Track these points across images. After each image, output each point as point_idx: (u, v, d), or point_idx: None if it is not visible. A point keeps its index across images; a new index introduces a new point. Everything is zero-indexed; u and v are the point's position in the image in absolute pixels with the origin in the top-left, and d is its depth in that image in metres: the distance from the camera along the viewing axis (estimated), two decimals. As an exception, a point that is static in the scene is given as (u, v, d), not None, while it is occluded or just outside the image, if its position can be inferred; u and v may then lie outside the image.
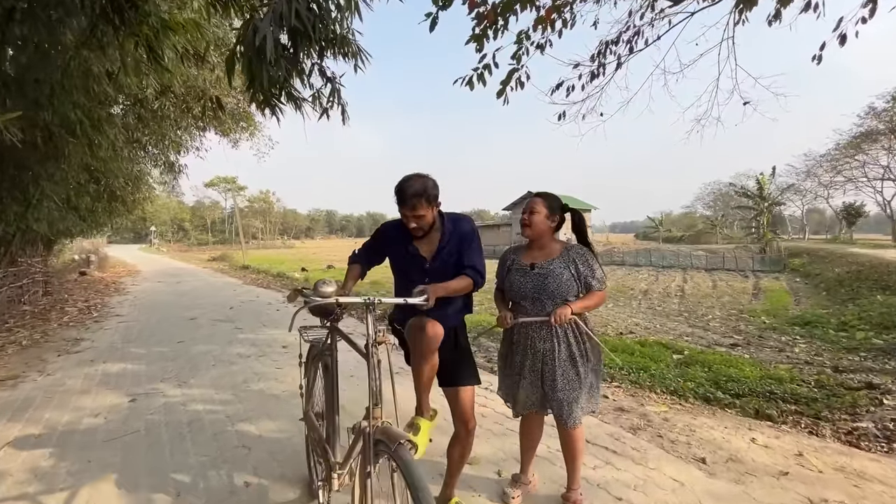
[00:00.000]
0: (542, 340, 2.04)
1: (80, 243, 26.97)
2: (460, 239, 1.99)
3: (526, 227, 2.10)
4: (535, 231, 2.08)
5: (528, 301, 2.06)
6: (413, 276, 1.94)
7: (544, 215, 2.07)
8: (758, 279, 24.66)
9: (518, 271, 2.11)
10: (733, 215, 60.35)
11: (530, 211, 2.08)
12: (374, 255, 2.11)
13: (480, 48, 4.18)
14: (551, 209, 2.09)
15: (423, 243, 1.98)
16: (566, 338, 2.03)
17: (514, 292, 2.10)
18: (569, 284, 2.00)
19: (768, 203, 34.47)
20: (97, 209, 12.16)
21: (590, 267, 2.04)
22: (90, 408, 3.49)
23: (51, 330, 6.51)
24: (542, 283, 2.01)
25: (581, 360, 2.02)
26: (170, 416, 3.26)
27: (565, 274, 2.01)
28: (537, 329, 2.05)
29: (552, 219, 2.09)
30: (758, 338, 10.41)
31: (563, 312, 1.91)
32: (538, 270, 2.05)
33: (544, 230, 2.08)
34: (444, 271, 1.94)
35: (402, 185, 1.85)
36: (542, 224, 2.07)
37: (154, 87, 7.87)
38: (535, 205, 2.08)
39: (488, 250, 35.62)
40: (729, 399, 4.20)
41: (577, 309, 1.98)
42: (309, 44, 3.16)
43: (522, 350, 2.10)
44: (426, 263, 1.96)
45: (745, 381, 4.66)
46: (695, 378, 4.77)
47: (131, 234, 78.43)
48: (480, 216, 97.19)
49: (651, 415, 3.27)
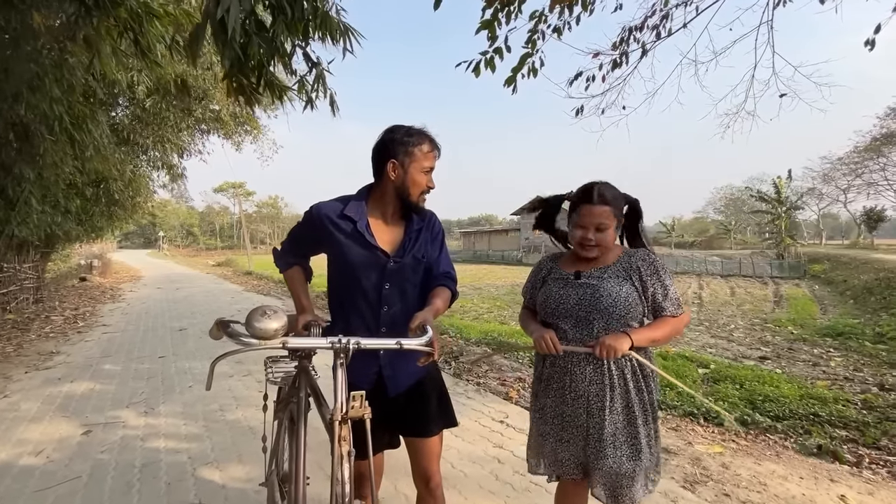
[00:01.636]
0: (588, 381, 1.43)
1: (88, 248, 26.91)
2: (431, 235, 1.47)
3: (592, 250, 1.45)
4: (603, 250, 1.47)
5: (570, 321, 1.45)
6: (366, 279, 1.40)
7: (615, 227, 1.45)
8: (777, 286, 23.75)
9: (557, 281, 1.52)
10: (747, 220, 59.17)
11: (597, 227, 1.42)
12: (310, 248, 1.54)
13: (492, 35, 3.67)
14: (620, 213, 1.47)
15: (382, 230, 1.44)
16: (623, 379, 1.41)
17: (549, 308, 1.49)
18: (629, 303, 1.41)
19: (786, 207, 33.44)
20: (94, 213, 11.81)
21: (661, 281, 1.43)
22: (35, 441, 2.97)
23: (27, 342, 6.04)
24: (592, 297, 1.42)
25: (642, 415, 1.42)
26: (122, 456, 2.72)
27: (624, 288, 1.41)
28: (579, 363, 1.43)
29: (619, 222, 1.48)
30: (787, 350, 9.74)
31: (614, 343, 1.32)
32: (586, 280, 1.45)
33: (612, 242, 1.48)
34: (407, 276, 1.42)
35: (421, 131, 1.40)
36: (612, 239, 1.46)
37: (146, 83, 7.48)
38: (604, 218, 1.41)
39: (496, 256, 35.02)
40: (769, 422, 3.72)
41: (641, 340, 1.38)
42: (286, 21, 2.68)
43: (558, 392, 1.48)
44: (388, 261, 1.41)
45: (783, 402, 4.18)
46: (727, 396, 4.30)
47: (141, 240, 79.13)
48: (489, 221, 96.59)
49: (705, 459, 2.67)
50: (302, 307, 1.46)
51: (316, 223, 1.45)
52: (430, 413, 1.51)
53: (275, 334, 1.07)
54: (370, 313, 1.42)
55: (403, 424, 1.53)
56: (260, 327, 1.06)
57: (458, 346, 5.34)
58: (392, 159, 1.37)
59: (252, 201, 77.73)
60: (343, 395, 1.10)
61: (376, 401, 1.46)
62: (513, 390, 3.76)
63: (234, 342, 1.07)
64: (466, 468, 2.52)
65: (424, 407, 1.51)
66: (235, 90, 3.04)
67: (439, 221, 1.54)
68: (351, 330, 1.45)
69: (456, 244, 59.03)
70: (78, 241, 15.72)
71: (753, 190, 39.27)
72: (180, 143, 11.78)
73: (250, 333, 1.06)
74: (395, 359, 1.44)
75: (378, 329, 1.41)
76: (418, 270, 1.45)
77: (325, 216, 1.43)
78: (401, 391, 1.47)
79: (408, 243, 1.43)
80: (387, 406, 1.47)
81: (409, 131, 1.38)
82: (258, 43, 2.62)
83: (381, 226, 1.44)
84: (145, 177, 12.82)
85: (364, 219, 1.41)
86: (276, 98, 3.21)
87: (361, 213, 1.42)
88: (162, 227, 70.12)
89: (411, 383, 1.49)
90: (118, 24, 3.52)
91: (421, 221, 1.47)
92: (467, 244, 55.21)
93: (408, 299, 1.43)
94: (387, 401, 1.46)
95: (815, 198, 44.98)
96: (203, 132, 12.43)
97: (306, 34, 2.79)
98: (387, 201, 1.43)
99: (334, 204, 1.45)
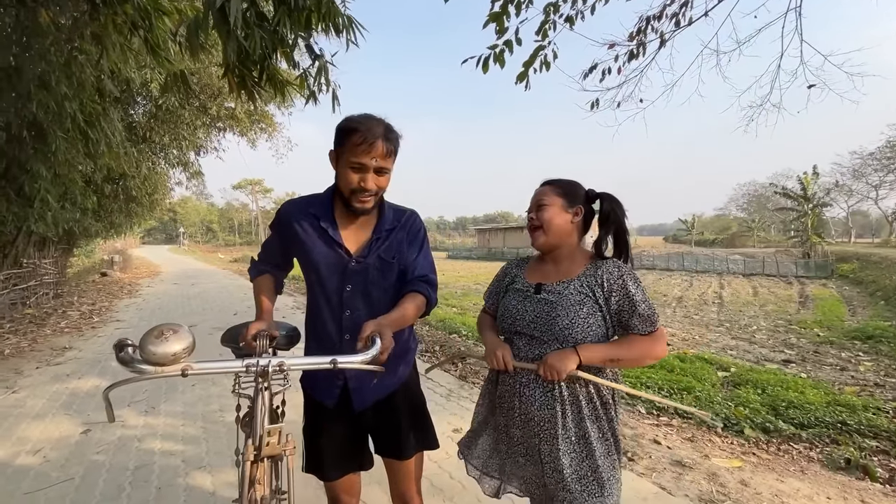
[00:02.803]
0: (538, 404, 1.28)
1: (111, 244, 27.63)
2: (407, 236, 1.34)
3: (538, 232, 1.35)
4: (552, 236, 1.33)
5: (525, 339, 1.33)
6: (328, 280, 1.29)
7: (560, 207, 1.33)
8: (803, 286, 22.95)
9: (517, 292, 1.39)
10: (771, 218, 57.47)
11: (537, 205, 1.35)
12: (281, 254, 1.43)
13: (501, 29, 3.53)
14: (570, 198, 1.34)
15: (349, 229, 1.32)
16: (576, 405, 1.26)
17: (506, 322, 1.37)
18: (588, 321, 1.25)
19: (813, 204, 32.27)
20: (112, 209, 12.03)
21: (628, 296, 1.25)
22: (35, 440, 2.95)
23: (42, 337, 6.13)
24: (549, 315, 1.27)
25: (602, 446, 1.25)
26: (117, 458, 2.67)
27: (585, 304, 1.25)
28: (529, 384, 1.30)
29: (573, 212, 1.34)
30: (813, 353, 9.35)
31: (557, 363, 1.19)
32: (545, 294, 1.31)
33: (565, 232, 1.34)
34: (375, 278, 1.29)
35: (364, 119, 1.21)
36: (561, 223, 1.33)
37: (158, 80, 7.52)
38: (543, 196, 1.35)
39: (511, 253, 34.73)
40: (793, 430, 3.53)
41: (594, 358, 1.22)
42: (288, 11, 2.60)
43: (508, 412, 1.35)
44: (350, 261, 1.29)
45: (808, 408, 3.97)
46: (748, 402, 4.10)
47: (163, 235, 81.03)
48: (504, 218, 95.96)
49: (722, 474, 2.49)
50: (258, 315, 1.34)
51: (283, 222, 1.35)
52: (402, 432, 1.38)
53: (173, 359, 0.92)
54: (333, 319, 1.31)
55: (376, 442, 1.42)
56: (154, 351, 0.91)
57: (465, 347, 5.21)
58: (333, 148, 1.26)
59: (270, 198, 78.80)
60: (263, 425, 0.98)
61: (343, 418, 1.36)
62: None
63: (127, 369, 0.94)
64: (464, 478, 2.40)
65: (396, 425, 1.38)
66: (238, 85, 2.99)
67: (419, 221, 1.41)
68: (319, 338, 1.34)
69: (471, 241, 58.83)
70: (98, 238, 16.11)
71: (778, 186, 38.08)
72: (196, 141, 11.91)
73: (143, 359, 0.92)
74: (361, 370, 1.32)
75: (342, 336, 1.30)
76: (387, 273, 1.32)
77: (291, 214, 1.33)
78: (367, 405, 1.35)
79: (374, 242, 1.30)
80: (355, 423, 1.37)
81: (348, 119, 1.22)
82: (259, 35, 2.56)
83: (348, 223, 1.32)
84: (162, 174, 13.02)
85: (328, 215, 1.30)
86: (279, 92, 3.14)
87: (325, 209, 1.31)
88: (183, 223, 71.63)
89: (380, 397, 1.36)
90: (126, 21, 3.49)
91: (395, 221, 1.34)
92: (482, 241, 54.93)
93: (373, 303, 1.30)
94: (353, 417, 1.35)
95: (844, 194, 43.43)
96: (219, 130, 12.55)
97: (309, 25, 2.72)
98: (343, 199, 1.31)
99: (301, 201, 1.36)
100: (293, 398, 1.40)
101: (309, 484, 2.25)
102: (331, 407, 1.33)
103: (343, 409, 1.33)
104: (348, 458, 1.37)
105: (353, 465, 1.39)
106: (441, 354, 4.90)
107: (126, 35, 3.79)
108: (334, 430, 1.35)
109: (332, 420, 1.35)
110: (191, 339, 0.96)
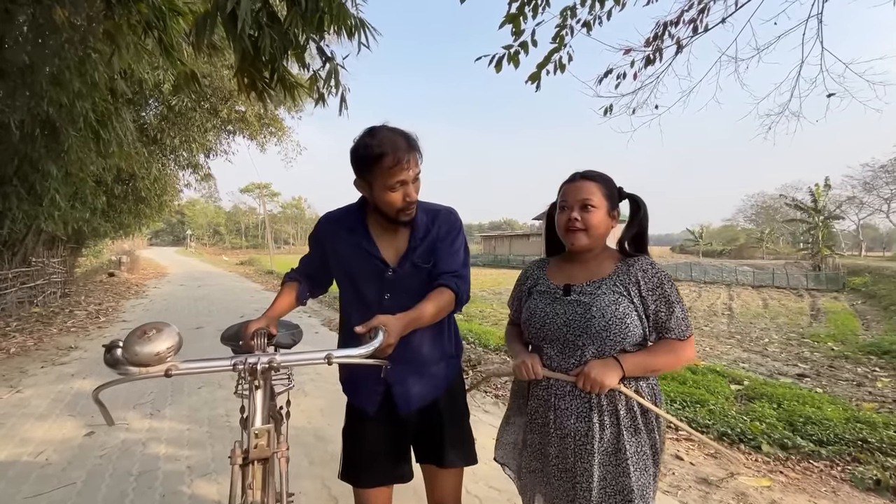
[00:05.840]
0: (575, 417, 1.17)
1: (120, 245, 27.83)
2: (440, 236, 1.28)
3: (580, 234, 1.21)
4: (594, 239, 1.22)
5: (557, 346, 1.21)
6: (366, 289, 1.26)
7: (606, 210, 1.22)
8: (814, 298, 22.61)
9: (543, 295, 1.27)
10: (780, 229, 56.97)
11: (582, 205, 1.20)
12: (319, 266, 1.41)
13: (517, 31, 3.49)
14: (612, 200, 1.24)
15: (385, 239, 1.29)
16: (614, 415, 1.15)
17: (533, 329, 1.25)
18: (626, 325, 1.14)
19: (824, 217, 31.91)
20: (122, 210, 12.08)
21: (664, 296, 1.16)
22: (38, 441, 2.88)
23: (48, 336, 6.10)
24: (583, 318, 1.16)
25: (638, 462, 1.14)
26: (120, 463, 2.59)
27: (620, 304, 1.15)
28: (565, 396, 1.19)
29: (613, 215, 1.25)
30: (828, 368, 9.14)
31: (600, 376, 1.09)
32: (576, 296, 1.20)
33: (604, 235, 1.24)
34: (412, 285, 1.25)
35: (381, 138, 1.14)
36: (605, 226, 1.22)
37: (171, 81, 7.54)
38: (591, 196, 1.20)
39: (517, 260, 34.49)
40: (811, 447, 3.37)
41: (635, 368, 1.13)
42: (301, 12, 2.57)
43: (542, 429, 1.24)
44: (388, 270, 1.25)
45: (827, 424, 3.79)
46: (763, 417, 3.94)
47: (171, 237, 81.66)
48: (510, 226, 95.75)
49: (751, 494, 2.37)
50: (264, 314, 1.30)
51: (320, 233, 1.36)
52: (444, 438, 1.32)
53: (157, 359, 0.88)
54: None
55: (417, 450, 1.37)
56: (137, 351, 0.87)
57: (476, 354, 5.11)
58: (358, 177, 1.21)
59: (277, 202, 79.24)
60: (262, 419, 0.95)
61: (385, 423, 1.30)
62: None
63: (115, 371, 0.90)
64: (482, 492, 2.29)
65: (439, 431, 1.33)
66: (247, 86, 2.95)
67: (453, 217, 1.34)
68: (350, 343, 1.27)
69: (477, 248, 58.75)
70: (106, 238, 16.18)
71: (788, 198, 37.75)
72: (206, 143, 11.97)
73: (126, 359, 0.88)
74: (405, 372, 1.27)
75: None
76: (421, 278, 1.27)
77: (328, 228, 1.34)
78: (412, 408, 1.30)
79: (410, 252, 1.27)
80: (398, 430, 1.31)
81: (366, 144, 1.15)
82: (270, 35, 2.52)
83: (382, 232, 1.29)
84: (172, 176, 13.08)
85: (361, 226, 1.28)
86: (289, 94, 3.11)
87: (359, 220, 1.29)
88: (190, 225, 72.14)
89: (426, 401, 1.31)
90: (141, 21, 3.48)
91: (429, 224, 1.29)
92: (488, 248, 54.83)
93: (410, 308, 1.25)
94: (398, 421, 1.30)
95: (855, 207, 42.95)
96: (229, 133, 12.63)
97: (321, 27, 2.68)
98: (376, 212, 1.28)
99: (338, 212, 1.35)
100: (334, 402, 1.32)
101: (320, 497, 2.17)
102: (372, 413, 1.30)
103: (385, 415, 1.28)
104: (388, 467, 1.32)
105: (392, 475, 1.33)
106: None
107: (140, 35, 3.79)
108: (375, 436, 1.31)
109: (373, 426, 1.31)
110: (176, 338, 0.91)
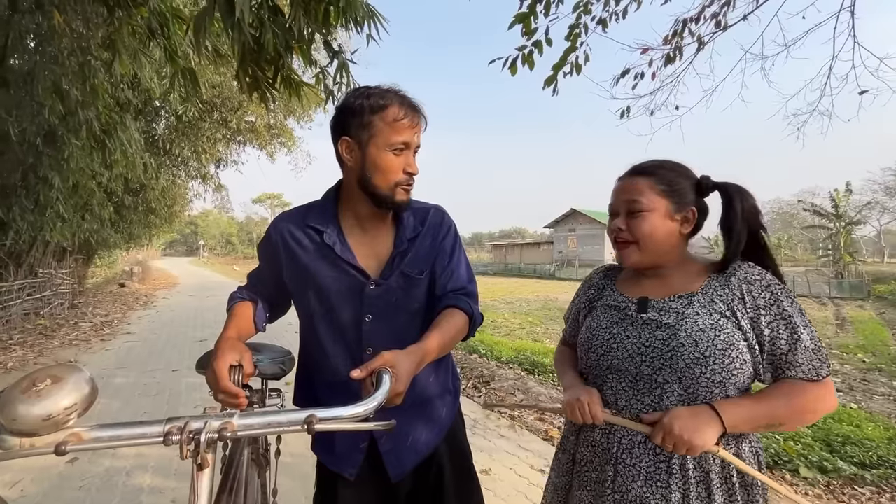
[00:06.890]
0: (643, 479, 0.85)
1: (133, 256, 28.12)
2: (434, 240, 1.00)
3: (630, 248, 0.92)
4: (650, 254, 0.91)
5: (626, 379, 0.89)
6: (340, 311, 0.95)
7: (664, 213, 0.89)
8: (838, 307, 21.83)
9: (610, 311, 0.96)
10: (798, 236, 55.72)
11: (629, 209, 0.91)
12: (273, 285, 1.08)
13: (528, 31, 3.30)
14: (678, 197, 0.90)
15: (362, 242, 1.00)
16: (706, 486, 0.83)
17: (595, 354, 0.94)
18: (732, 356, 0.81)
19: (845, 223, 31.01)
20: (131, 220, 12.08)
21: (784, 317, 0.82)
22: (16, 469, 2.66)
23: (49, 349, 5.95)
24: (666, 345, 0.85)
25: None
26: (100, 496, 2.36)
27: (725, 330, 0.82)
28: (633, 448, 0.88)
29: (682, 218, 0.91)
30: (861, 381, 8.63)
31: (688, 433, 0.77)
32: (654, 314, 0.89)
33: (670, 246, 0.91)
34: (402, 303, 0.96)
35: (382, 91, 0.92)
36: (665, 235, 0.90)
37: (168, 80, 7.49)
38: (639, 196, 0.90)
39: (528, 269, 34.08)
40: (854, 470, 3.05)
41: (741, 423, 0.80)
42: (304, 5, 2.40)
43: (595, 486, 0.91)
44: (369, 284, 0.96)
45: (868, 445, 3.45)
46: (797, 436, 3.61)
47: (184, 248, 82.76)
48: (520, 234, 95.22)
49: (810, 541, 2.05)
50: (221, 339, 0.91)
51: (273, 241, 1.02)
52: (446, 499, 1.03)
53: (49, 425, 0.58)
54: (349, 360, 0.96)
55: None
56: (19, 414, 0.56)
57: (489, 370, 4.82)
58: (344, 136, 0.93)
59: (288, 212, 79.88)
60: None
61: (369, 490, 0.99)
62: (553, 428, 3.21)
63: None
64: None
65: (441, 489, 1.03)
66: (250, 85, 2.79)
67: (447, 218, 1.07)
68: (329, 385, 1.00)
69: (487, 257, 58.44)
70: (117, 249, 16.25)
71: (806, 203, 36.87)
72: (216, 154, 11.97)
73: (2, 426, 0.59)
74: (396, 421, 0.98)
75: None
76: (414, 292, 0.99)
77: (285, 229, 1.01)
78: (406, 469, 1.00)
79: (396, 258, 0.97)
80: (387, 493, 1.02)
81: (367, 93, 0.91)
82: (272, 30, 2.35)
83: (359, 235, 1.00)
84: (182, 186, 13.10)
85: (333, 227, 0.98)
86: (293, 94, 2.94)
87: (328, 219, 0.99)
88: (203, 236, 73.08)
89: (423, 455, 1.02)
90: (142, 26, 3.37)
91: (418, 224, 1.01)
92: (499, 257, 54.45)
93: (400, 333, 0.96)
94: (386, 485, 1.00)
95: (877, 212, 41.81)
96: (239, 143, 12.64)
97: (327, 20, 2.50)
98: (355, 199, 0.99)
99: (296, 213, 1.03)
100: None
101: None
102: (351, 478, 0.99)
103: (368, 480, 0.99)
104: None
105: None
106: (461, 377, 4.53)
107: (144, 41, 3.69)
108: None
109: (353, 495, 1.00)
110: (84, 391, 0.61)
